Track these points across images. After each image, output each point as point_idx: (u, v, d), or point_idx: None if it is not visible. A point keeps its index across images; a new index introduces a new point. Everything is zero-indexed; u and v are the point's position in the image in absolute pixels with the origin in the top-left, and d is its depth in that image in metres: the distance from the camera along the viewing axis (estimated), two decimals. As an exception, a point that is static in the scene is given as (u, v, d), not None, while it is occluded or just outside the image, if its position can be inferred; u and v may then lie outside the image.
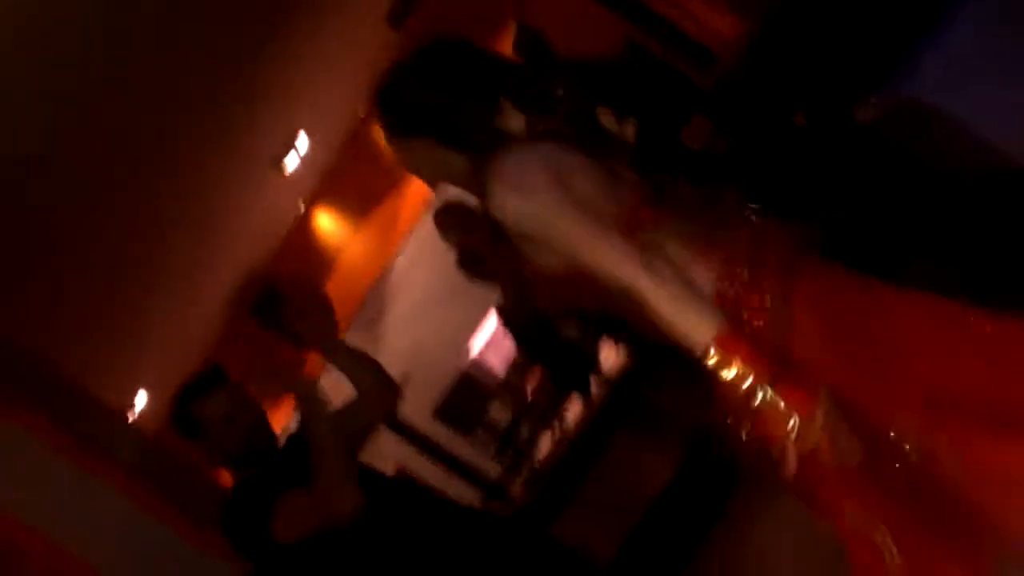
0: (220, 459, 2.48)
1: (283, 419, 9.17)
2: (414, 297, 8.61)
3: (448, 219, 4.30)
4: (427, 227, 5.96)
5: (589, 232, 1.81)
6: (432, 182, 2.11)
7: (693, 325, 1.68)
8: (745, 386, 1.60)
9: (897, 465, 1.65)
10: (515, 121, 1.98)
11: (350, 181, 8.98)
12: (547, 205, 1.82)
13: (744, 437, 1.63)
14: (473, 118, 1.94)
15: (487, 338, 6.93)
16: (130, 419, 7.10)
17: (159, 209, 6.02)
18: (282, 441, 2.60)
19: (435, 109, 1.94)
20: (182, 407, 2.50)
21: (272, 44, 6.13)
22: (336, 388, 2.57)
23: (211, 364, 2.61)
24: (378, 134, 2.10)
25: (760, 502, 3.61)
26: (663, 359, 2.48)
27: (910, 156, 3.17)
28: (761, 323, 1.77)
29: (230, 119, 6.26)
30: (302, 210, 9.27)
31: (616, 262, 1.77)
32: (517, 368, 7.12)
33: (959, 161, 3.03)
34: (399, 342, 8.72)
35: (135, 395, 7.74)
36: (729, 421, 1.64)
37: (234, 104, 6.15)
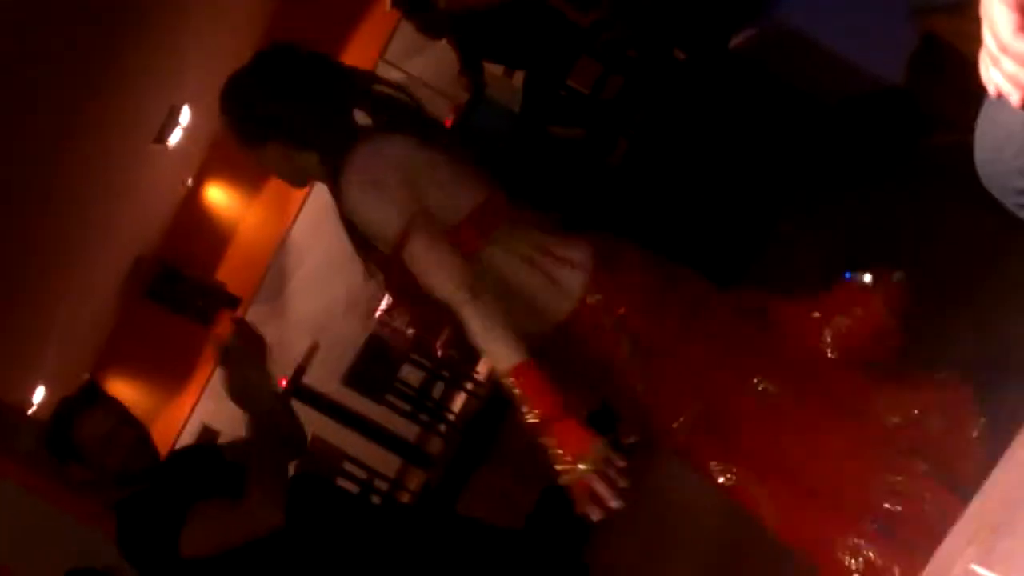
0: (101, 480, 2.34)
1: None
2: (316, 263, 8.51)
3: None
4: (322, 190, 5.85)
5: (423, 242, 1.88)
6: (292, 182, 2.17)
7: (497, 353, 1.82)
8: (529, 418, 1.78)
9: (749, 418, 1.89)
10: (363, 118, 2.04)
11: (238, 151, 8.78)
12: (387, 204, 1.90)
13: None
14: (319, 118, 2.00)
15: (392, 300, 6.89)
16: (29, 413, 6.88)
17: (42, 199, 5.81)
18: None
19: (282, 114, 2.00)
20: (57, 430, 2.36)
21: (142, 18, 5.92)
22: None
23: (86, 382, 2.47)
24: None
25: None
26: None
27: (784, 83, 3.27)
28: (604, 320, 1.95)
29: (106, 100, 6.06)
30: (189, 184, 9.05)
31: (442, 280, 1.86)
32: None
33: (829, 85, 3.13)
34: (304, 311, 8.62)
35: (33, 390, 7.51)
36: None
37: (108, 83, 5.94)
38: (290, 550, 2.28)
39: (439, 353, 6.81)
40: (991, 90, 0.99)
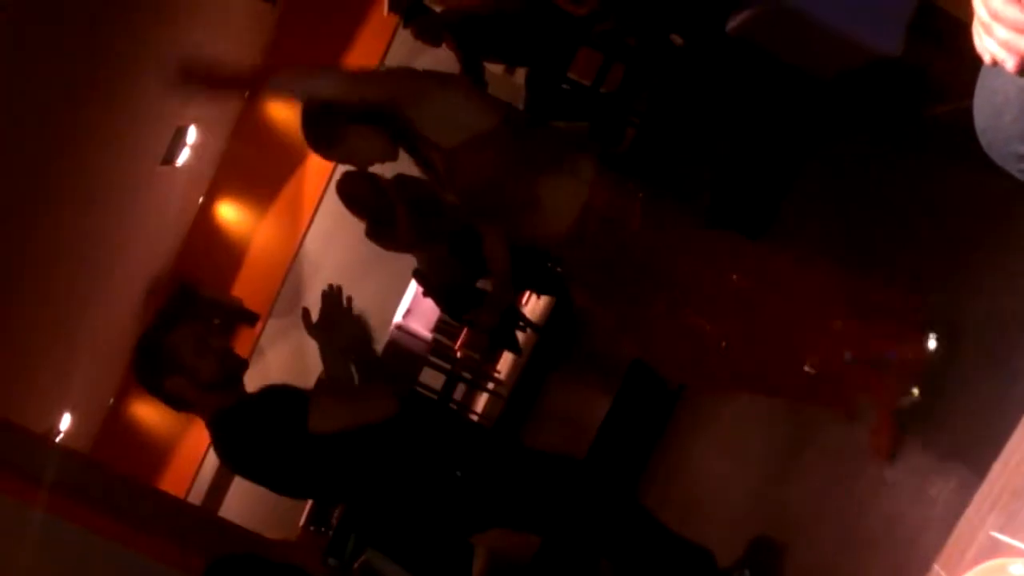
0: (199, 390, 2.47)
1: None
2: (330, 274, 8.53)
3: (352, 187, 4.26)
4: (332, 202, 5.88)
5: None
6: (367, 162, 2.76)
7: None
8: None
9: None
10: None
11: (246, 167, 8.81)
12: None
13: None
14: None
15: (408, 305, 6.92)
16: (57, 440, 6.93)
17: (55, 229, 5.85)
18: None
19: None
20: (151, 344, 2.49)
21: (142, 42, 5.96)
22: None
23: (177, 290, 2.63)
24: (271, 116, 2.48)
25: (696, 424, 3.71)
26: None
27: (781, 62, 3.26)
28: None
29: (112, 126, 6.09)
30: (200, 203, 9.09)
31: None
32: (443, 330, 7.13)
33: (828, 61, 3.12)
34: (322, 322, 8.62)
35: (60, 417, 7.56)
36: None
37: (113, 109, 5.98)
38: (397, 441, 2.51)
39: (458, 355, 6.83)
40: (986, 59, 1.00)
